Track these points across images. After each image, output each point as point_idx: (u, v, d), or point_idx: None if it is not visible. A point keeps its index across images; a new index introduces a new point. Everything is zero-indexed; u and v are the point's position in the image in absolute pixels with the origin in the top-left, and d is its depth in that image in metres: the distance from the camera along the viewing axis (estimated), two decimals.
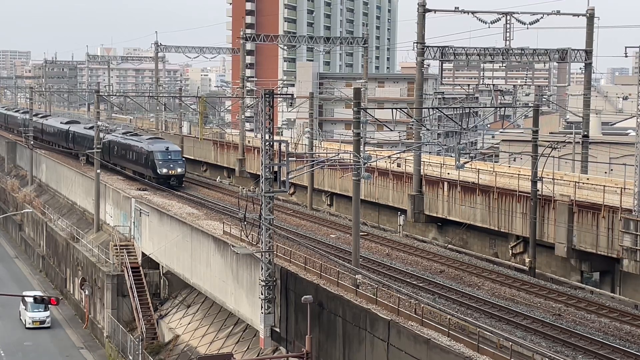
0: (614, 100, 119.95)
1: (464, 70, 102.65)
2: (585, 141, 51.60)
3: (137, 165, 67.53)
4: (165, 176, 63.42)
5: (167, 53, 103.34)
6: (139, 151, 66.40)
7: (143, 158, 65.36)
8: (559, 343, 28.70)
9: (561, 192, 42.52)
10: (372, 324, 31.33)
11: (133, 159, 67.89)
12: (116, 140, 73.00)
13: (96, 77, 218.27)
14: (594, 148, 57.31)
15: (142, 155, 65.49)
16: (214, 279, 46.05)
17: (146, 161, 64.82)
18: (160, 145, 65.74)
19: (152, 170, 64.12)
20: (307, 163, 44.42)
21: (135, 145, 67.45)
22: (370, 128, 75.27)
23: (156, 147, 64.74)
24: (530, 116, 45.79)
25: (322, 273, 36.51)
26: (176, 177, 63.93)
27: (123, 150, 70.65)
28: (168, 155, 64.00)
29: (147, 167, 65.05)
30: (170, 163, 63.74)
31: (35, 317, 60.34)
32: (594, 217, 39.48)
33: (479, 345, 26.87)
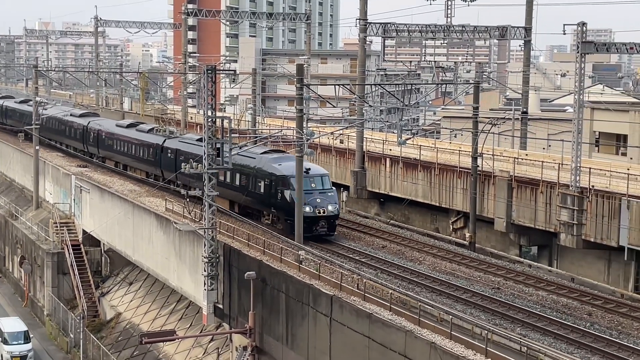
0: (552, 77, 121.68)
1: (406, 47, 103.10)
2: (524, 117, 52.37)
3: (250, 197, 42.25)
4: (310, 218, 38.38)
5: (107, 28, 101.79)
6: (254, 174, 41.40)
7: (263, 184, 40.77)
8: (498, 316, 29.28)
9: (501, 167, 43.18)
10: (315, 299, 31.55)
11: (240, 186, 42.83)
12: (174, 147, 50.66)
13: (34, 52, 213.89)
14: (533, 124, 58.23)
15: (259, 179, 41.02)
16: (156, 256, 45.79)
17: (269, 190, 40.25)
18: (290, 163, 39.61)
19: (280, 208, 39.71)
20: (250, 139, 44.33)
21: (246, 164, 42.22)
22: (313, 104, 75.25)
23: (285, 168, 39.75)
24: (471, 93, 46.32)
25: (265, 249, 36.59)
26: (326, 219, 39.50)
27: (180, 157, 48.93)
28: (311, 182, 39.23)
29: (269, 199, 40.42)
30: (316, 197, 39.15)
31: (14, 351, 49.62)
32: (533, 192, 40.21)
33: (420, 319, 27.27)
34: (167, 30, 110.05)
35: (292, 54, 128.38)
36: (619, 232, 35.53)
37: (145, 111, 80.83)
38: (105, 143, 61.48)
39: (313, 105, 74.52)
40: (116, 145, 59.62)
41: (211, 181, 36.68)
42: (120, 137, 58.96)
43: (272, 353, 34.90)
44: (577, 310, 30.14)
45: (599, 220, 36.39)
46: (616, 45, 39.32)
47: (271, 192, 39.99)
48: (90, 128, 64.14)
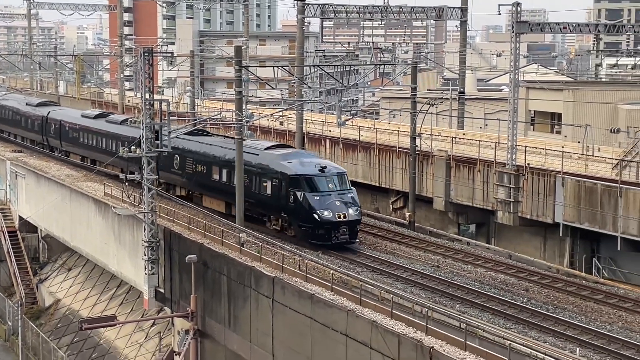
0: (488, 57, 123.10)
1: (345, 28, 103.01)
2: (461, 97, 52.94)
3: (260, 205, 37.62)
4: (330, 224, 34.16)
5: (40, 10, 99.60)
6: (258, 172, 37.03)
7: (270, 185, 36.31)
8: (438, 293, 29.68)
9: (439, 147, 43.64)
10: (256, 281, 31.58)
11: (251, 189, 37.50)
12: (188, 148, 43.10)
13: None
14: (470, 104, 58.88)
15: (265, 178, 36.60)
16: (95, 241, 45.29)
17: (278, 191, 35.72)
18: (302, 160, 36.22)
19: (292, 213, 35.27)
20: (189, 122, 44.00)
21: (247, 161, 37.13)
22: (252, 86, 74.97)
23: (298, 166, 35.60)
24: (409, 73, 46.60)
25: (206, 232, 36.46)
26: (347, 224, 34.75)
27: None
28: (328, 182, 35.22)
29: (277, 202, 35.98)
30: (334, 199, 34.71)
31: None
32: (470, 171, 40.76)
33: (361, 298, 27.50)
34: (103, 12, 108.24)
35: (230, 36, 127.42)
36: (554, 208, 36.26)
37: (81, 95, 79.54)
38: (70, 135, 55.63)
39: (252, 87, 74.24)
40: (83, 138, 53.49)
41: (150, 165, 36.34)
42: (87, 129, 52.92)
43: (214, 336, 34.87)
44: (515, 287, 30.71)
45: (535, 198, 37.08)
46: (550, 25, 39.98)
47: (280, 194, 35.40)
48: (51, 119, 58.47)
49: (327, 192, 34.88)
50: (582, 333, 25.40)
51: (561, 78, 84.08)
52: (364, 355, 26.04)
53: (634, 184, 34.03)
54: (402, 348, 24.47)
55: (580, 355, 23.44)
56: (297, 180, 34.87)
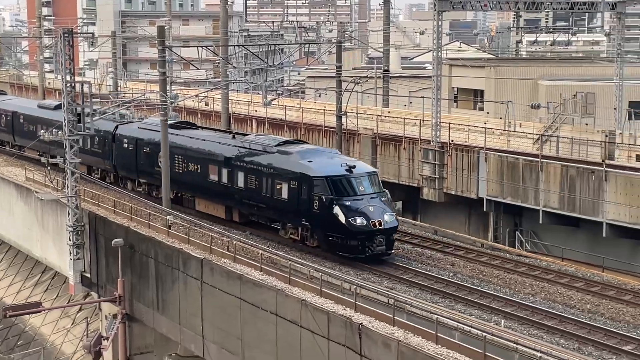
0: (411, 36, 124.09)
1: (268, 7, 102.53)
2: (386, 75, 53.31)
3: (272, 209, 32.95)
4: (363, 233, 29.67)
5: None
6: (271, 173, 32.39)
7: (287, 189, 31.55)
8: (366, 271, 29.95)
9: (365, 125, 43.94)
10: (185, 263, 31.41)
11: (247, 188, 33.69)
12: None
13: None
14: (394, 82, 59.30)
15: (280, 181, 31.87)
16: (17, 227, 44.38)
17: (298, 196, 31.02)
18: (325, 159, 31.87)
19: (316, 221, 30.71)
20: (113, 104, 43.32)
21: (255, 160, 33.52)
22: (177, 67, 74.10)
23: (321, 166, 31.01)
24: (334, 52, 46.70)
25: (132, 215, 36.05)
26: (383, 233, 30.10)
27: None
28: (358, 184, 30.53)
29: (296, 209, 31.34)
30: (367, 204, 30.12)
31: None
32: (396, 148, 41.16)
33: (291, 277, 27.60)
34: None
35: (153, 16, 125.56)
36: (477, 184, 36.91)
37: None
38: (25, 129, 49.91)
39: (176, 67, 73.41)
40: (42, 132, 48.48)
41: (72, 148, 35.70)
42: (48, 122, 45.97)
43: (143, 319, 34.59)
44: (441, 261, 31.20)
45: (459, 174, 37.68)
46: (471, 2, 40.46)
47: (300, 199, 30.84)
48: (1, 110, 53.13)
49: (358, 195, 30.15)
50: (506, 305, 25.98)
51: (483, 55, 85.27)
52: (294, 334, 26.17)
53: (554, 158, 34.85)
54: (331, 325, 24.67)
55: (505, 326, 23.99)
56: (323, 183, 30.14)
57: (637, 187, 30.22)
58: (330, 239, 30.27)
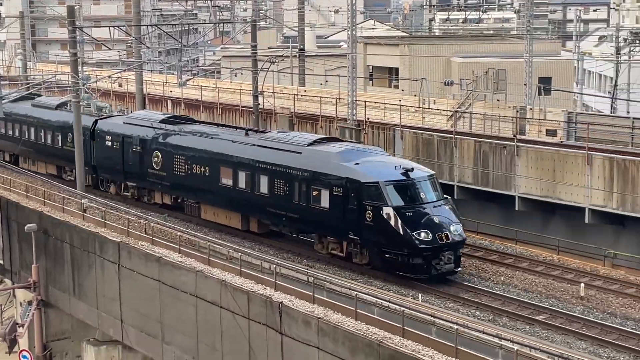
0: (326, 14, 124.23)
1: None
2: (301, 54, 53.31)
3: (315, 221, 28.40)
4: (429, 250, 25.66)
5: None
6: (306, 178, 28.12)
7: (328, 196, 27.34)
8: (284, 250, 30.09)
9: (281, 105, 43.89)
10: (101, 247, 30.97)
11: (273, 195, 29.39)
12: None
13: None
14: (310, 61, 59.40)
15: (319, 187, 27.68)
16: None
17: (344, 205, 26.82)
18: (373, 160, 27.76)
19: (369, 234, 26.44)
20: (22, 87, 42.21)
21: (279, 161, 29.34)
22: (88, 48, 72.59)
23: (373, 170, 26.82)
24: (249, 32, 46.43)
25: (45, 200, 35.31)
26: (451, 248, 26.07)
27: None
28: (418, 190, 26.43)
29: (342, 220, 27.02)
30: (431, 213, 26.19)
31: None
32: (313, 127, 41.27)
33: (210, 258, 27.51)
34: None
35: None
36: None
37: None
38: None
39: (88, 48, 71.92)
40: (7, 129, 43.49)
41: None
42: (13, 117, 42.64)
43: (59, 305, 34.02)
44: None
45: None
46: None
47: (347, 209, 26.58)
48: None
49: (420, 204, 26.04)
50: (422, 280, 26.35)
51: (397, 33, 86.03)
52: (214, 315, 26.13)
53: (467, 134, 35.48)
54: (251, 305, 24.71)
55: (422, 300, 24.43)
56: (377, 190, 25.87)
57: (547, 161, 31.03)
58: (386, 256, 25.96)
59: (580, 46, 58.66)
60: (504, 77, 39.90)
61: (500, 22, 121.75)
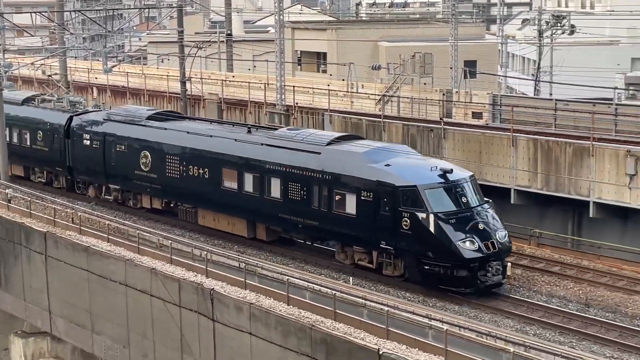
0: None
1: None
2: (229, 40, 53.00)
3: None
4: (476, 260, 23.36)
5: None
6: (326, 181, 25.72)
7: (355, 202, 24.98)
8: (217, 237, 29.97)
9: (210, 90, 43.61)
10: (27, 237, 30.38)
11: (287, 199, 26.98)
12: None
13: None
14: (238, 46, 59.10)
15: (344, 191, 25.27)
16: None
17: (376, 211, 24.45)
18: (406, 161, 25.30)
19: (405, 244, 24.07)
20: None
21: (294, 162, 26.82)
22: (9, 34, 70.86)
23: (407, 172, 24.49)
24: (175, 17, 45.96)
25: None
26: (498, 257, 23.79)
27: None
28: (460, 195, 24.15)
29: (372, 228, 24.67)
30: (476, 219, 23.96)
31: None
32: (242, 112, 41.13)
33: (140, 247, 27.25)
34: None
35: None
36: None
37: None
38: None
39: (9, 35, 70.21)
40: None
41: None
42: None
43: None
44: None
45: None
46: None
47: (380, 217, 24.17)
48: None
49: (463, 210, 23.74)
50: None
51: (325, 18, 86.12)
52: (144, 303, 25.91)
53: (395, 118, 35.79)
54: (182, 292, 24.58)
55: (353, 283, 24.65)
56: (414, 195, 23.52)
57: (473, 143, 31.50)
58: (426, 268, 23.66)
59: (504, 29, 59.56)
60: (431, 61, 40.33)
61: (426, 6, 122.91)
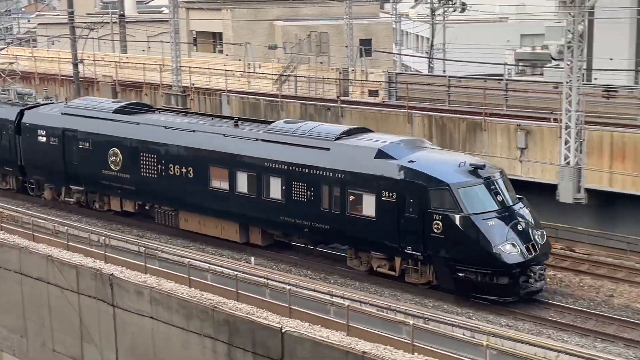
0: None
1: None
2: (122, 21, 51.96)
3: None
4: (518, 265, 21.11)
5: None
6: (337, 181, 23.34)
7: (374, 202, 22.62)
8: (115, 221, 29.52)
9: (103, 73, 42.74)
10: None
11: (290, 201, 24.48)
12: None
13: None
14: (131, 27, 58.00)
15: (361, 190, 22.89)
16: None
17: (400, 213, 22.10)
18: (431, 156, 23.02)
19: (441, 254, 21.66)
20: None
21: (299, 160, 24.28)
22: None
23: (436, 168, 22.14)
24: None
25: None
26: (539, 261, 21.60)
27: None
28: (495, 192, 21.96)
29: (393, 231, 22.33)
30: (515, 219, 21.71)
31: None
32: (137, 94, 40.50)
33: (34, 234, 26.64)
34: None
35: None
36: None
37: None
38: None
39: None
40: None
41: None
42: None
43: None
44: None
45: None
46: None
47: (404, 218, 21.92)
48: None
49: (500, 210, 21.68)
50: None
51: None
52: (41, 292, 25.37)
53: (292, 97, 35.87)
54: (81, 279, 24.17)
55: (255, 264, 24.70)
56: (447, 195, 21.37)
57: (371, 120, 31.80)
58: (460, 275, 21.37)
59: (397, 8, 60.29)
60: (327, 40, 40.47)
61: None
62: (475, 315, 21.10)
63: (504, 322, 20.67)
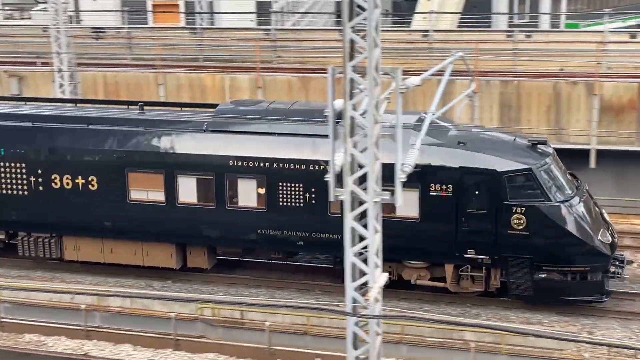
0: None
1: None
2: None
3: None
4: (606, 259, 18.06)
5: None
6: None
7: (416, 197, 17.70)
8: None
9: None
10: None
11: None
12: None
13: None
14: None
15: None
16: None
17: (463, 208, 17.87)
18: (483, 137, 18.70)
19: (522, 253, 17.83)
20: None
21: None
22: None
23: (497, 150, 17.94)
24: None
25: None
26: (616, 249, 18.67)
27: None
28: (564, 174, 18.55)
29: (458, 231, 18.01)
30: (588, 207, 18.33)
31: None
32: None
33: None
34: None
35: None
36: None
37: None
38: None
39: None
40: None
41: None
42: None
43: None
44: None
45: None
46: None
47: (468, 216, 17.97)
48: None
49: (577, 194, 18.51)
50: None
51: None
52: None
53: None
54: None
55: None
56: (529, 181, 17.79)
57: None
58: (542, 277, 18.10)
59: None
60: None
61: None
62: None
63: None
